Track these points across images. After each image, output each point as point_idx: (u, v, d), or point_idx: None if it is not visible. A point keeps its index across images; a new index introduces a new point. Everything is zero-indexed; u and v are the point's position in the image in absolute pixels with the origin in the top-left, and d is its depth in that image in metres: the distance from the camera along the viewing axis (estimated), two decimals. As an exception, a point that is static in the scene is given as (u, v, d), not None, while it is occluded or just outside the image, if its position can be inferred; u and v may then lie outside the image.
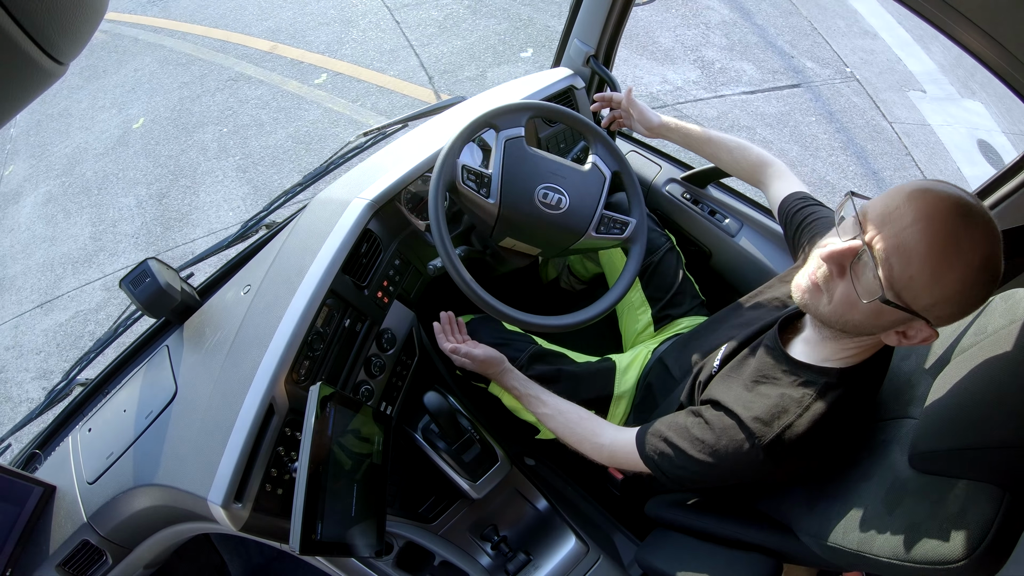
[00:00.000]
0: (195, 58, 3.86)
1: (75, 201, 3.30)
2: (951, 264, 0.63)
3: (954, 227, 0.63)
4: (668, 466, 0.90)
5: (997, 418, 0.61)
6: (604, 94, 1.34)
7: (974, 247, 0.63)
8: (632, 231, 1.16)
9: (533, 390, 1.09)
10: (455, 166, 1.06)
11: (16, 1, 0.30)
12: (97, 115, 3.79)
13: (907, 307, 0.66)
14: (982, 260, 0.63)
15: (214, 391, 0.96)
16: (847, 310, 0.72)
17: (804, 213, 0.99)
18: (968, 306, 0.67)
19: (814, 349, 0.83)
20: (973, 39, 0.77)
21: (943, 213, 0.63)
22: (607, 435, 1.00)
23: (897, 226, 0.65)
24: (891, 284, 0.66)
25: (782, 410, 0.80)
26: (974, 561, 0.59)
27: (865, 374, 0.80)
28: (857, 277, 0.69)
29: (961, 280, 0.64)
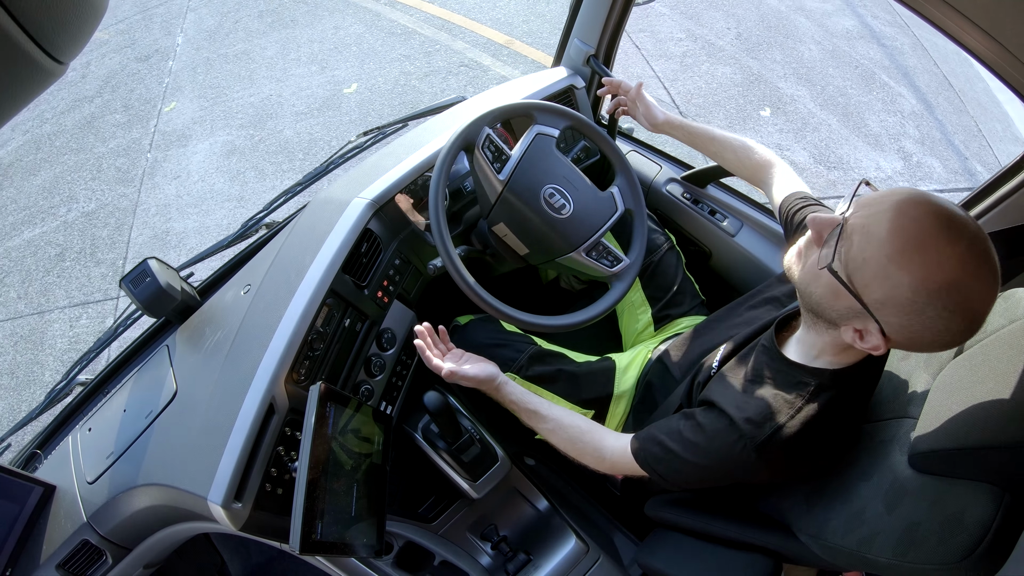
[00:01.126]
0: (414, 32, 3.65)
1: (271, 160, 3.08)
2: (907, 264, 0.60)
3: (925, 229, 0.60)
4: (665, 470, 0.90)
5: (997, 418, 0.61)
6: (614, 80, 1.33)
7: (940, 262, 0.59)
8: (621, 269, 1.16)
9: (532, 404, 1.04)
10: (482, 131, 1.07)
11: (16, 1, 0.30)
12: (291, 68, 3.56)
13: (854, 291, 0.65)
14: (946, 281, 0.59)
15: (214, 391, 0.96)
16: (811, 279, 0.73)
17: (804, 212, 0.99)
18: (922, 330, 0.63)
19: (806, 347, 0.83)
20: (973, 39, 0.77)
21: (920, 212, 0.61)
22: (608, 445, 0.99)
23: (874, 208, 0.65)
24: (846, 260, 0.66)
25: (774, 411, 0.80)
26: (973, 561, 0.60)
27: (858, 376, 0.80)
28: (828, 247, 0.69)
29: (913, 288, 0.61)
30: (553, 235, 1.12)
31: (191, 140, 3.28)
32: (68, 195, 3.16)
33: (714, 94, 3.23)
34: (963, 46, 0.79)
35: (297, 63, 3.58)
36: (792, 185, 1.07)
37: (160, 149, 3.28)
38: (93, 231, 2.96)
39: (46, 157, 3.41)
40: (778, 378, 0.84)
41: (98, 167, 3.27)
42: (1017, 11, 0.70)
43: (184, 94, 3.57)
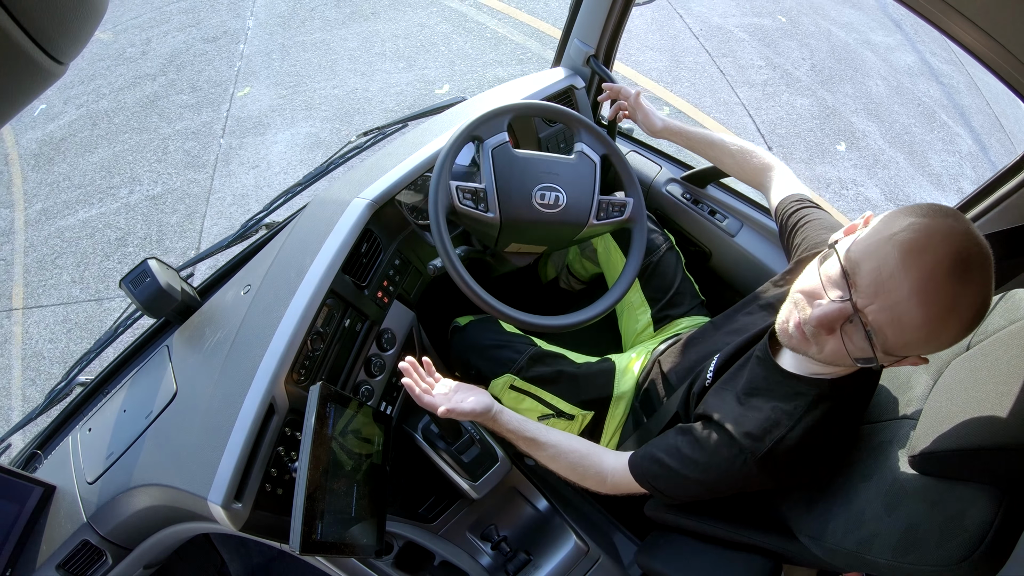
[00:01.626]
0: (504, 37, 3.57)
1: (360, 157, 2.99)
2: (947, 326, 0.63)
3: (952, 292, 0.61)
4: (666, 486, 0.90)
5: (996, 420, 0.61)
6: (614, 86, 1.35)
7: (970, 304, 0.62)
8: (631, 211, 1.17)
9: (530, 431, 1.00)
10: (449, 189, 1.05)
11: (16, 1, 0.30)
12: (376, 63, 3.43)
13: (899, 359, 0.68)
14: (975, 311, 0.63)
15: (214, 391, 0.96)
16: (838, 359, 0.72)
17: (799, 215, 0.99)
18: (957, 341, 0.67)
19: (803, 360, 0.83)
20: (973, 39, 0.77)
21: (940, 280, 0.61)
22: (608, 466, 0.98)
23: (892, 298, 0.63)
24: (885, 350, 0.66)
25: (774, 424, 0.80)
26: (973, 562, 0.59)
27: (856, 384, 0.80)
28: (848, 336, 0.69)
29: (956, 335, 0.65)
30: (562, 226, 1.13)
31: (269, 129, 3.16)
32: (130, 176, 3.02)
33: (794, 125, 3.26)
34: (963, 46, 0.79)
35: (382, 58, 3.47)
36: (790, 188, 1.07)
37: (234, 135, 3.15)
38: (160, 217, 2.84)
39: (104, 134, 3.26)
40: (775, 390, 0.83)
41: (164, 149, 3.13)
42: (1017, 11, 0.70)
43: (259, 80, 3.43)
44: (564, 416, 1.22)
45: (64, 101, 3.50)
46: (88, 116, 3.39)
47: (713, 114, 3.23)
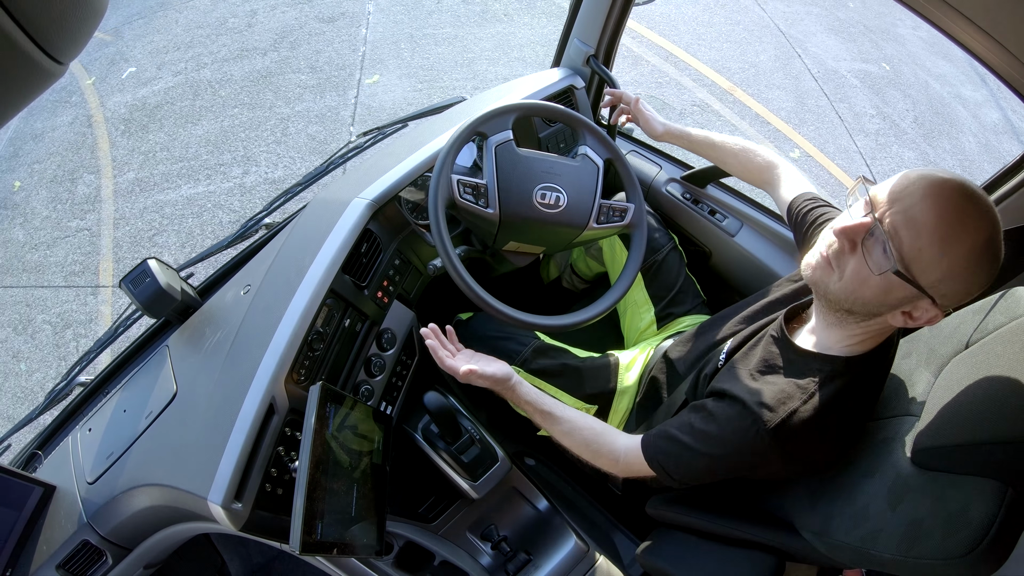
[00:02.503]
0: (640, 58, 3.54)
1: None
2: (959, 238, 0.66)
3: (961, 204, 0.66)
4: (674, 466, 0.90)
5: (999, 414, 0.61)
6: (615, 91, 1.36)
7: (979, 226, 0.66)
8: (632, 217, 1.16)
9: (547, 405, 1.03)
10: (451, 182, 1.05)
11: (16, 1, 0.30)
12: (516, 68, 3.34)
13: (915, 281, 0.68)
14: (986, 238, 0.66)
15: (214, 391, 0.96)
16: (858, 286, 0.73)
17: (816, 213, 0.99)
18: (972, 286, 0.69)
19: (819, 338, 0.84)
20: (973, 39, 0.77)
21: (950, 191, 0.67)
22: (621, 445, 0.98)
23: (907, 202, 0.68)
24: (901, 256, 0.68)
25: (788, 396, 0.80)
26: (976, 557, 0.60)
27: (870, 363, 0.80)
28: (868, 252, 0.71)
29: (967, 256, 0.66)
30: (561, 227, 1.12)
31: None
32: (243, 155, 2.87)
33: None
34: (963, 46, 0.79)
35: (522, 63, 3.37)
36: (799, 186, 1.07)
37: (366, 124, 3.00)
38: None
39: (208, 106, 3.10)
40: (790, 366, 0.84)
41: (283, 131, 2.97)
42: (1017, 11, 0.70)
43: (388, 69, 3.29)
44: None
45: (157, 66, 3.33)
46: (188, 85, 3.23)
47: (837, 161, 3.23)
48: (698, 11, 3.97)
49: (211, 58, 3.39)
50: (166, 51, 3.50)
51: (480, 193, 1.08)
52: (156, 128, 3.04)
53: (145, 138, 3.01)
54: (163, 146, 2.96)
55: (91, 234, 2.68)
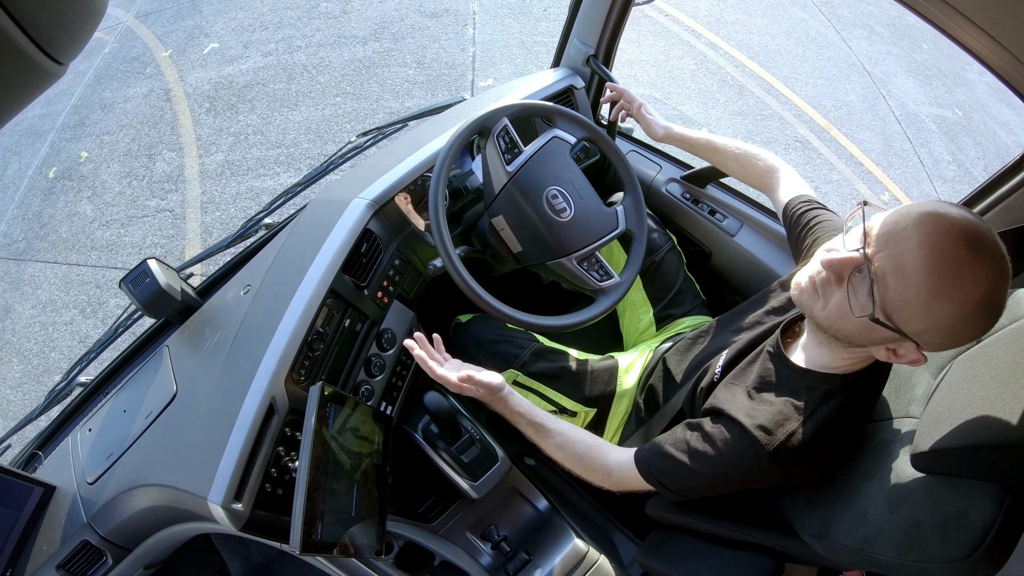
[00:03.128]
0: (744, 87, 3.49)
1: None
2: (949, 296, 0.62)
3: (958, 258, 0.61)
4: (672, 481, 0.90)
5: (998, 417, 0.61)
6: (618, 87, 1.36)
7: (976, 282, 0.61)
8: (609, 285, 1.15)
9: (538, 417, 1.01)
10: (502, 119, 1.07)
11: (16, 1, 0.30)
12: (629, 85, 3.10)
13: (897, 329, 0.66)
14: (982, 296, 0.62)
15: (214, 391, 0.96)
16: (839, 319, 0.72)
17: (808, 216, 0.99)
18: (961, 339, 0.66)
19: (814, 355, 0.83)
20: (973, 39, 0.77)
21: (949, 241, 0.61)
22: (613, 460, 0.98)
23: (900, 247, 0.64)
24: (884, 304, 0.65)
25: (785, 417, 0.80)
26: (976, 560, 0.59)
27: (867, 380, 0.80)
28: (854, 289, 0.69)
29: (956, 314, 0.63)
30: (548, 236, 1.12)
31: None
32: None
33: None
34: (963, 46, 0.79)
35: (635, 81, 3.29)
36: (796, 189, 1.07)
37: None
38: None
39: (305, 91, 2.98)
40: (787, 385, 0.83)
41: None
42: (1017, 11, 0.70)
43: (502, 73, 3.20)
44: (567, 412, 1.22)
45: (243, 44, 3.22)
46: (281, 67, 3.10)
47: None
48: (792, 44, 3.94)
49: (304, 41, 3.25)
50: (252, 29, 3.38)
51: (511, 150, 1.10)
52: (247, 109, 2.94)
53: (234, 119, 2.90)
54: (256, 129, 2.84)
55: (174, 216, 2.58)
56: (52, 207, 2.75)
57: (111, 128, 3.01)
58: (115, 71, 3.31)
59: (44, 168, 2.97)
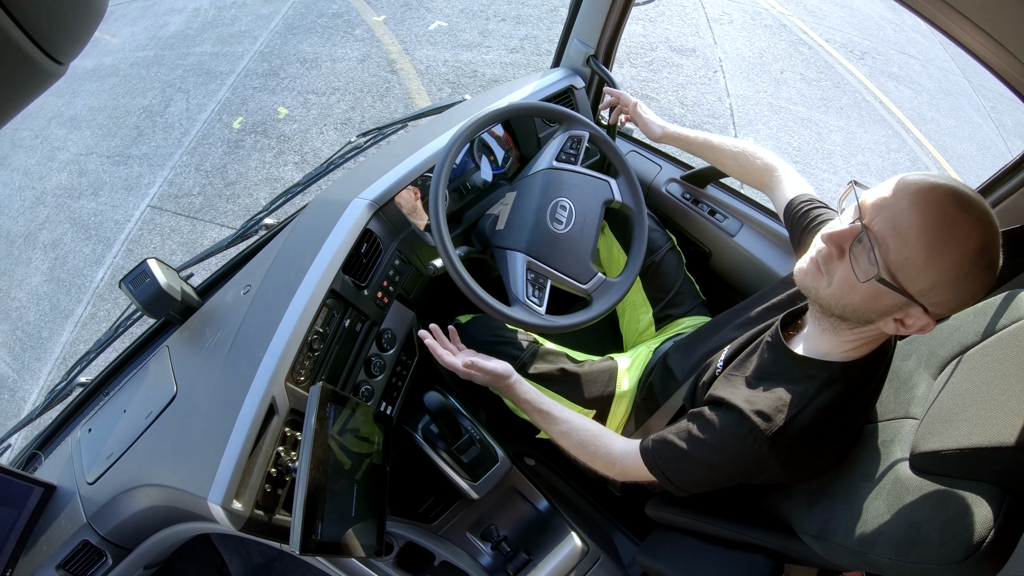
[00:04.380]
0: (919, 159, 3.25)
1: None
2: (946, 247, 0.64)
3: (948, 211, 0.64)
4: (674, 472, 0.90)
5: (998, 418, 0.61)
6: (616, 91, 1.37)
7: (969, 233, 0.64)
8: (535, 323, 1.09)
9: (545, 404, 1.04)
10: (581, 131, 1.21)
11: (16, 1, 0.30)
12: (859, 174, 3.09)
13: (903, 289, 0.67)
14: (978, 247, 0.64)
15: (214, 391, 0.96)
16: (846, 292, 0.73)
17: (811, 215, 0.99)
18: (965, 295, 0.67)
19: (815, 344, 0.83)
20: (973, 39, 0.77)
21: (937, 198, 0.65)
22: (618, 449, 0.98)
23: (893, 209, 0.67)
24: (887, 264, 0.67)
25: (785, 404, 0.80)
26: (975, 561, 0.59)
27: (867, 368, 0.80)
28: (856, 259, 0.71)
29: (956, 265, 0.65)
30: (530, 231, 1.14)
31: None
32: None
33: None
34: (963, 46, 0.79)
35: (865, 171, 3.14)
36: (796, 188, 1.06)
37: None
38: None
39: None
40: (787, 373, 0.84)
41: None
42: (1017, 11, 0.70)
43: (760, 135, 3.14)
44: None
45: (480, 32, 3.09)
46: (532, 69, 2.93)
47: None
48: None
49: (551, 46, 3.11)
50: (485, 18, 3.25)
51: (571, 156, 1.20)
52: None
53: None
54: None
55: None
56: (241, 164, 2.54)
57: (318, 88, 2.82)
58: (312, 24, 3.12)
59: (225, 116, 2.78)
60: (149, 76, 3.32)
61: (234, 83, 2.99)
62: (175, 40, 3.59)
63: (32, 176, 3.07)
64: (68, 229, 2.72)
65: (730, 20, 3.66)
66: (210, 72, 3.12)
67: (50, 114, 3.44)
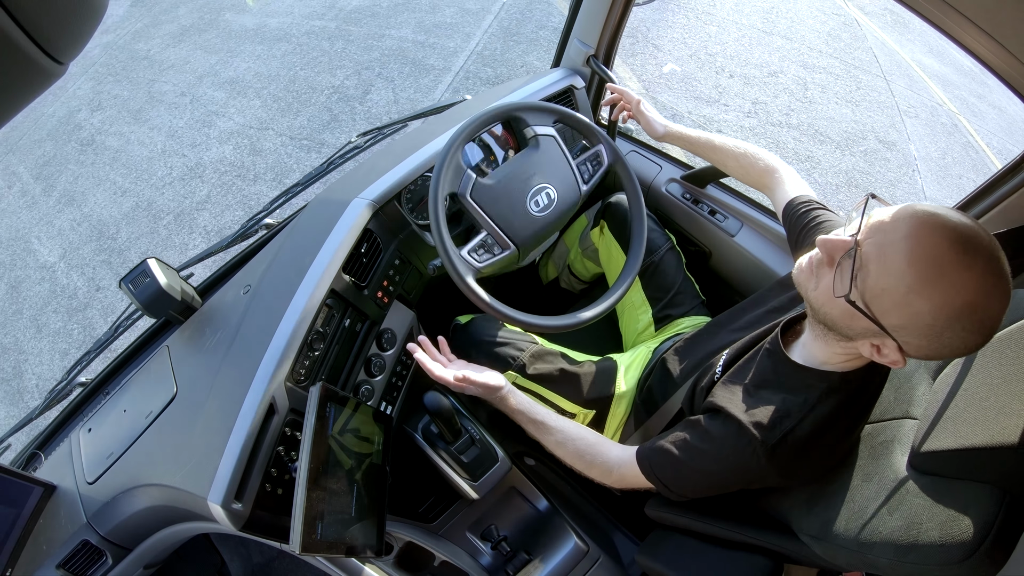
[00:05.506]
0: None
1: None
2: (928, 294, 0.60)
3: (944, 256, 0.60)
4: (672, 480, 0.90)
5: (998, 419, 0.61)
6: (618, 88, 1.37)
7: (960, 287, 0.59)
8: (607, 155, 1.19)
9: (539, 415, 1.03)
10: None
11: (16, 1, 0.30)
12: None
13: (874, 318, 0.65)
14: (964, 304, 0.59)
15: (214, 391, 0.96)
16: (826, 301, 0.72)
17: (809, 216, 0.99)
18: (940, 346, 0.64)
19: (812, 351, 0.83)
20: (973, 39, 0.77)
21: (938, 237, 0.60)
22: (614, 457, 0.98)
23: (888, 236, 0.64)
24: (864, 289, 0.65)
25: (784, 415, 0.80)
26: (975, 561, 0.59)
27: (866, 379, 0.80)
28: (841, 272, 0.69)
29: (933, 314, 0.61)
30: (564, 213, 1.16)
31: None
32: None
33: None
34: (963, 46, 0.79)
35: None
36: (796, 189, 1.06)
37: None
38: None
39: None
40: (786, 382, 0.83)
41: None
42: (1017, 11, 0.70)
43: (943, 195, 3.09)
44: (566, 415, 1.22)
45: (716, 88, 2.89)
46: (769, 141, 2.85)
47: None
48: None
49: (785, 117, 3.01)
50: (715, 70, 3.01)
51: (489, 245, 1.09)
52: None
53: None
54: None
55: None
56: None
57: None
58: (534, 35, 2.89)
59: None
60: (335, 52, 3.03)
61: (453, 83, 2.83)
62: (360, 15, 3.29)
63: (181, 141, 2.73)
64: (240, 217, 2.44)
65: (916, 115, 3.53)
66: (418, 64, 2.90)
67: (200, 70, 3.08)
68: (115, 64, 3.43)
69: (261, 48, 3.23)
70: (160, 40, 3.58)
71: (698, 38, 3.26)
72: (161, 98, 3.10)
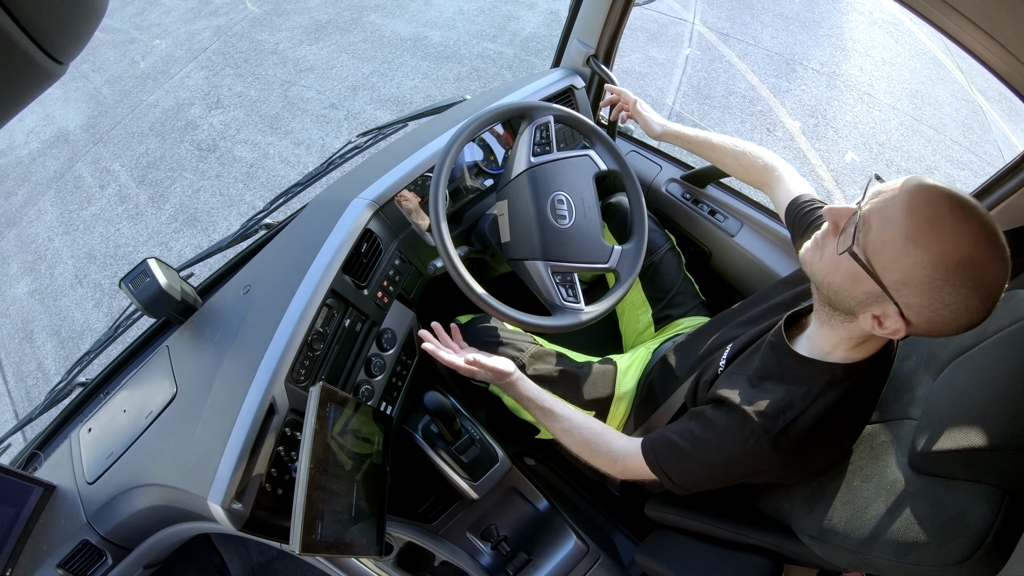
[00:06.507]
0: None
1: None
2: (925, 241, 0.63)
3: (939, 210, 0.63)
4: (676, 471, 0.90)
5: (998, 419, 0.61)
6: (616, 88, 1.37)
7: (956, 239, 0.62)
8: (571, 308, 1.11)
9: (547, 402, 1.04)
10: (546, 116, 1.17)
11: (16, 1, 0.30)
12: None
13: (874, 274, 0.67)
14: (962, 257, 0.62)
15: (214, 391, 0.96)
16: (831, 268, 0.74)
17: (812, 216, 0.99)
18: (939, 304, 0.64)
19: (817, 342, 0.84)
20: (973, 39, 0.77)
21: (933, 195, 0.64)
22: (620, 447, 0.98)
23: (888, 195, 0.67)
24: (865, 244, 0.68)
25: (787, 405, 0.80)
26: (974, 562, 0.59)
27: (869, 370, 0.80)
28: (845, 234, 0.71)
29: (931, 265, 0.63)
30: (539, 235, 1.12)
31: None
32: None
33: None
34: (963, 46, 0.79)
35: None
36: (797, 188, 1.06)
37: None
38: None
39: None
40: (789, 373, 0.84)
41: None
42: (1017, 11, 0.70)
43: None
44: None
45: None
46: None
47: None
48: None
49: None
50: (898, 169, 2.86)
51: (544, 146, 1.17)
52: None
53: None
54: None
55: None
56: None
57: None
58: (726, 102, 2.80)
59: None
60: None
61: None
62: (539, 45, 2.89)
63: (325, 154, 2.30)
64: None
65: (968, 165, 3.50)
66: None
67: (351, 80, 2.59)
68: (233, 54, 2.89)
69: (426, 65, 2.84)
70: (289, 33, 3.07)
71: (866, 124, 3.18)
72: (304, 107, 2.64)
